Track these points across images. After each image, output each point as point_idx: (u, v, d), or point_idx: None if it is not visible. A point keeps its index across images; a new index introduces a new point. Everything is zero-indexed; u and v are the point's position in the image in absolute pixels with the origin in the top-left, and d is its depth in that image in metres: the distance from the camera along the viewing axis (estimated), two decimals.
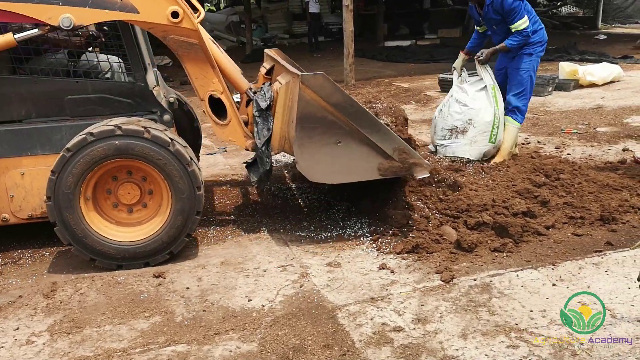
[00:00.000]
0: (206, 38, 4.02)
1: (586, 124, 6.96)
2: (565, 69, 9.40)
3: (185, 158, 3.66)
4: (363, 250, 3.88)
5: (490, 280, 3.37)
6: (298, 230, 4.28)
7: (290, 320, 3.06)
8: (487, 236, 3.85)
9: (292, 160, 6.03)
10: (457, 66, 5.57)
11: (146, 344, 2.92)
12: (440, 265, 3.56)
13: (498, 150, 5.37)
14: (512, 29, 5.12)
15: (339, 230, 4.21)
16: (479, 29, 5.56)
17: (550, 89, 8.90)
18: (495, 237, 3.84)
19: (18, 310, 3.32)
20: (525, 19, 5.08)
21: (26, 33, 3.64)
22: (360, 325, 2.98)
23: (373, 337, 2.87)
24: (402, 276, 3.49)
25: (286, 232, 4.27)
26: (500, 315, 3.01)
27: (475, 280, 3.39)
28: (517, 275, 3.42)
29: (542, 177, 4.68)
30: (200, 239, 4.21)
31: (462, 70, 5.55)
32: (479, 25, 5.54)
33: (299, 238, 4.14)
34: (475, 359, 2.66)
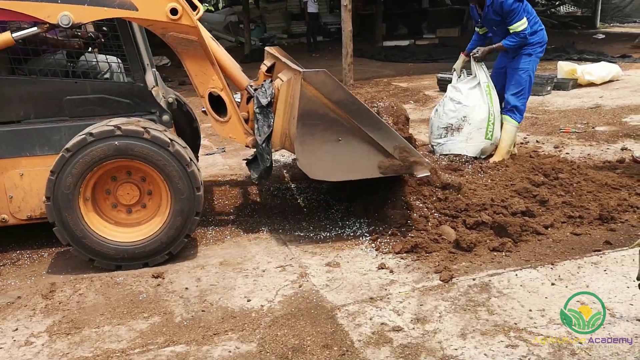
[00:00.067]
0: (205, 35, 4.01)
1: (585, 123, 6.97)
2: (564, 68, 9.40)
3: (184, 159, 3.66)
4: (362, 250, 3.88)
5: (489, 280, 3.37)
6: (297, 230, 4.28)
7: (290, 321, 3.06)
8: (486, 236, 3.85)
9: (292, 159, 6.05)
10: (457, 67, 5.59)
11: (145, 344, 2.92)
12: (439, 264, 3.56)
13: (496, 148, 5.37)
14: (510, 30, 5.13)
15: (338, 230, 4.21)
16: (479, 30, 5.56)
17: (549, 88, 8.91)
18: (494, 237, 3.84)
19: (17, 311, 3.32)
20: (524, 20, 5.08)
21: (24, 31, 3.63)
22: (359, 325, 2.98)
23: (372, 337, 2.87)
24: (401, 276, 3.49)
25: (285, 232, 4.27)
26: (500, 314, 3.01)
27: (474, 279, 3.39)
28: (516, 274, 3.42)
29: (540, 176, 4.69)
30: (199, 239, 4.21)
31: (462, 72, 5.55)
32: (480, 27, 5.54)
33: (298, 238, 4.14)
34: (475, 358, 2.66)
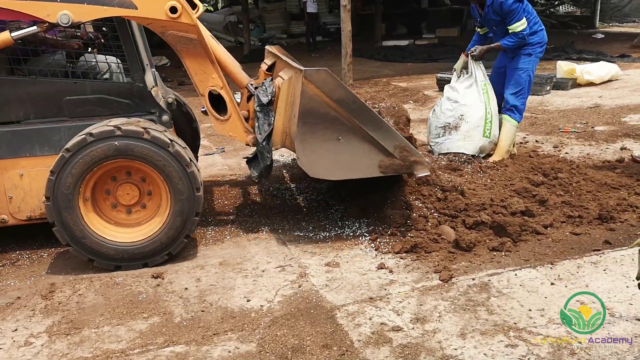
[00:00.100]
0: (205, 33, 4.01)
1: (584, 123, 6.97)
2: (563, 68, 9.41)
3: (184, 159, 3.66)
4: (361, 250, 3.88)
5: (489, 280, 3.37)
6: (296, 230, 4.28)
7: (289, 321, 3.06)
8: (486, 235, 3.85)
9: (291, 159, 6.05)
10: (458, 67, 5.59)
11: (145, 344, 2.92)
12: (438, 264, 3.56)
13: (495, 146, 5.38)
14: (509, 30, 5.14)
15: (338, 230, 4.21)
16: (480, 30, 5.57)
17: (548, 88, 8.91)
18: (494, 237, 3.84)
19: (16, 311, 3.32)
20: (523, 21, 5.09)
21: (23, 31, 3.63)
22: (359, 325, 2.98)
23: (372, 337, 2.87)
24: (401, 276, 3.49)
25: (285, 232, 4.27)
26: (499, 314, 3.01)
27: (473, 279, 3.39)
28: (515, 274, 3.42)
29: (540, 176, 4.69)
30: (199, 239, 4.21)
31: (462, 72, 5.55)
32: (480, 27, 5.54)
33: (298, 238, 4.14)
34: (474, 358, 2.67)
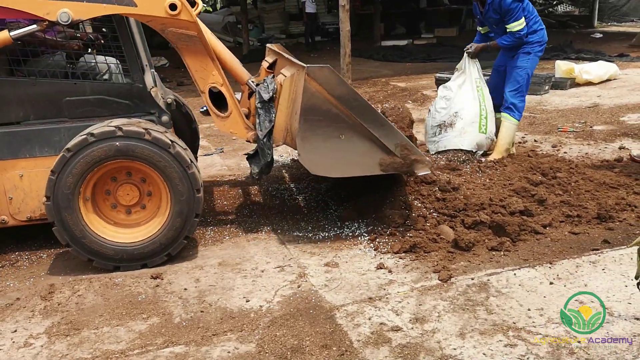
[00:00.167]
0: (205, 30, 4.01)
1: (583, 123, 6.98)
2: (562, 67, 9.41)
3: (185, 160, 3.66)
4: (361, 250, 3.89)
5: (488, 279, 3.38)
6: (296, 230, 4.29)
7: (288, 321, 3.06)
8: (485, 235, 3.85)
9: (290, 160, 6.05)
10: (460, 67, 5.60)
11: (144, 345, 2.92)
12: (437, 264, 3.56)
13: (492, 142, 5.39)
14: (507, 29, 5.15)
15: (337, 230, 4.21)
16: (481, 29, 5.58)
17: (547, 87, 8.92)
18: (493, 236, 3.84)
19: (16, 312, 3.32)
20: (522, 21, 5.10)
21: (22, 30, 3.62)
22: (358, 325, 2.98)
23: (371, 337, 2.87)
24: (400, 276, 3.49)
25: (284, 232, 4.27)
26: (498, 314, 3.01)
27: (472, 279, 3.39)
28: (514, 274, 3.43)
29: (539, 175, 4.69)
30: (198, 239, 4.21)
31: (456, 70, 5.57)
32: (482, 26, 5.56)
33: (297, 238, 4.14)
34: (473, 358, 2.67)
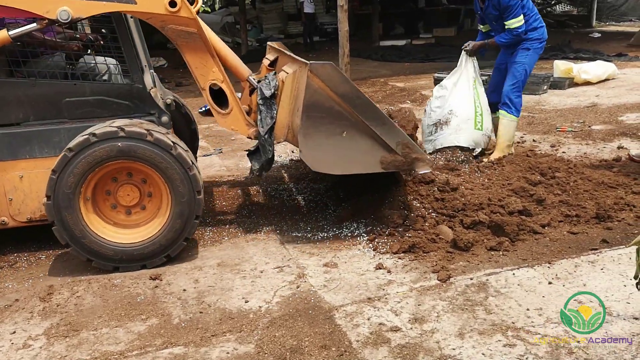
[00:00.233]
0: (205, 27, 4.01)
1: (581, 122, 6.98)
2: (560, 67, 9.42)
3: (186, 162, 3.66)
4: (360, 250, 3.89)
5: (487, 279, 3.38)
6: (295, 231, 4.29)
7: (287, 321, 3.06)
8: (483, 235, 3.86)
9: (289, 160, 6.05)
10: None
11: (143, 346, 2.92)
12: (436, 264, 3.56)
13: (490, 140, 5.40)
14: (505, 26, 5.17)
15: (336, 231, 4.21)
16: (482, 27, 5.60)
17: (545, 87, 8.92)
18: (492, 236, 3.85)
19: (14, 313, 3.31)
20: (520, 19, 5.11)
21: (21, 29, 3.62)
22: (357, 326, 2.98)
23: (370, 337, 2.87)
24: (399, 276, 3.49)
25: (283, 233, 4.27)
26: (497, 314, 3.02)
27: (471, 279, 3.39)
28: (513, 273, 3.43)
29: (537, 175, 4.70)
30: (197, 240, 4.20)
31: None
32: (482, 24, 5.58)
33: (296, 239, 4.14)
34: (472, 358, 2.67)
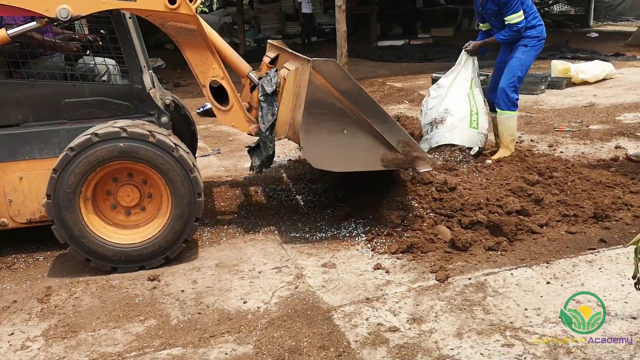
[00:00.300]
0: (204, 25, 4.01)
1: (579, 122, 6.99)
2: (558, 67, 9.44)
3: (188, 164, 3.66)
4: (358, 250, 3.89)
5: (485, 279, 3.38)
6: (293, 231, 4.29)
7: (286, 322, 3.06)
8: (482, 235, 3.86)
9: (287, 160, 6.05)
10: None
11: (141, 347, 2.92)
12: (435, 264, 3.56)
13: (487, 138, 5.42)
14: (505, 22, 5.18)
15: (334, 231, 4.21)
16: (482, 26, 5.61)
17: (543, 87, 8.93)
18: (490, 236, 3.85)
19: (12, 315, 3.31)
20: (520, 14, 5.11)
21: (20, 27, 3.61)
22: (355, 326, 2.98)
23: (369, 338, 2.87)
24: (397, 276, 3.49)
25: (281, 233, 4.27)
26: (495, 314, 3.02)
27: (470, 279, 3.40)
28: (511, 273, 3.43)
29: (535, 175, 4.70)
30: (195, 241, 4.20)
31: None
32: (482, 22, 5.59)
33: (294, 239, 4.14)
34: (471, 358, 2.67)
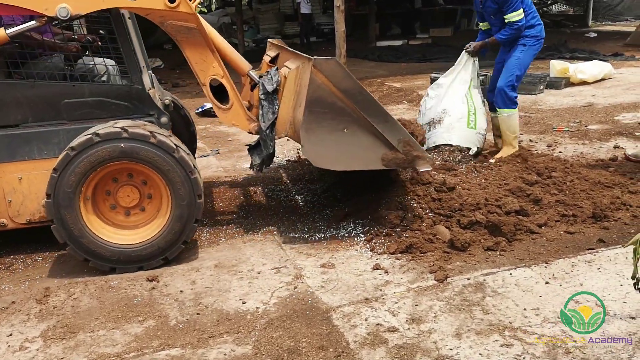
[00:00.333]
0: (204, 23, 4.01)
1: (577, 122, 7.00)
2: (556, 67, 9.44)
3: (188, 165, 3.66)
4: (357, 250, 3.89)
5: (484, 279, 3.38)
6: (292, 231, 4.28)
7: (285, 322, 3.06)
8: (480, 235, 3.86)
9: (286, 161, 6.05)
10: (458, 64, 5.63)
11: (140, 348, 2.92)
12: (434, 264, 3.56)
13: (485, 139, 5.42)
14: (505, 20, 5.18)
15: (333, 231, 4.20)
16: (482, 26, 5.61)
17: (542, 87, 8.93)
18: (489, 236, 3.85)
19: (11, 316, 3.30)
20: (520, 12, 5.12)
21: (20, 27, 3.61)
22: (354, 326, 2.98)
23: (368, 338, 2.87)
24: (396, 276, 3.49)
25: (280, 233, 4.27)
26: (494, 314, 3.02)
27: (468, 279, 3.40)
28: (510, 273, 3.43)
29: (534, 175, 4.70)
30: (194, 241, 4.20)
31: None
32: (482, 21, 5.59)
33: (293, 239, 4.14)
34: (470, 358, 2.67)
